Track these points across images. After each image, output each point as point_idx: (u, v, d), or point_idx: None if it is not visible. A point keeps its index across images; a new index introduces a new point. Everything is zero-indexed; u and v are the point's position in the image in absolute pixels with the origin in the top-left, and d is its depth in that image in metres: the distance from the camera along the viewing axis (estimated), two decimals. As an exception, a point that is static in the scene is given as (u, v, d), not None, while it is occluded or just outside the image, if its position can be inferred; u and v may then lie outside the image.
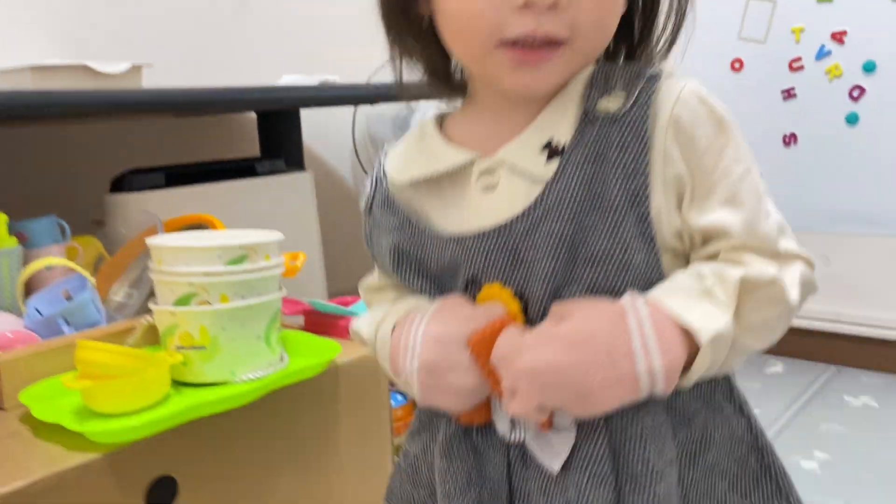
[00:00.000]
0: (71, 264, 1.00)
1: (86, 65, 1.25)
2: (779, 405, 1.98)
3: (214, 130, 1.79)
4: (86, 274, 0.98)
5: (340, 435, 0.97)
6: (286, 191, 1.52)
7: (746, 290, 0.50)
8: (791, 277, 0.52)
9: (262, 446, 0.90)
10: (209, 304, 0.84)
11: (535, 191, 0.53)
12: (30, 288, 1.05)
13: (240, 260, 0.85)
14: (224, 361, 0.85)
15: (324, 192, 1.80)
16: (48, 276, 1.06)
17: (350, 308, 1.07)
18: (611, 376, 0.49)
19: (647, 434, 0.53)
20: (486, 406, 0.57)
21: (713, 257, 0.53)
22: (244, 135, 1.82)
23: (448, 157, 0.58)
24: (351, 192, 2.08)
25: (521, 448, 0.57)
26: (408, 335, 0.56)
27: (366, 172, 2.20)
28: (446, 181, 0.59)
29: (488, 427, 0.58)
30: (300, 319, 1.12)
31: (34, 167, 1.47)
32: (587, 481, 0.53)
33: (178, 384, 0.86)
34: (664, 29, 0.59)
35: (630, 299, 0.51)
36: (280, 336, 0.92)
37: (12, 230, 1.09)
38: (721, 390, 0.59)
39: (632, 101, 0.52)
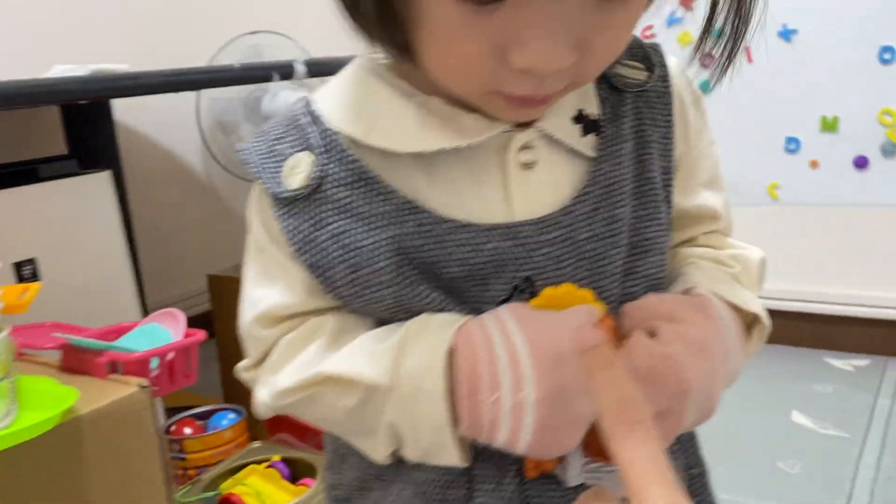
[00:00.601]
0: None
1: None
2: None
3: (9, 128, 1.59)
4: None
5: (92, 497, 0.82)
6: (79, 195, 1.34)
7: (761, 272, 0.52)
8: None
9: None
10: None
11: (579, 169, 0.46)
12: None
13: (-76, 305, 0.69)
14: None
15: (153, 191, 1.64)
16: None
17: (116, 342, 0.92)
18: (725, 379, 0.45)
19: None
20: None
21: (688, 241, 0.53)
22: (47, 132, 1.62)
23: (473, 124, 0.44)
24: (189, 189, 1.92)
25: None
26: (495, 356, 0.40)
27: (218, 162, 2.02)
28: (450, 157, 0.45)
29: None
30: (56, 355, 0.96)
31: None
32: None
33: None
34: None
35: (707, 292, 0.47)
36: (3, 387, 0.76)
37: None
38: None
39: (656, 73, 0.49)
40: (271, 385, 0.48)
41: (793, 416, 1.72)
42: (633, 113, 0.48)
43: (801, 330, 2.10)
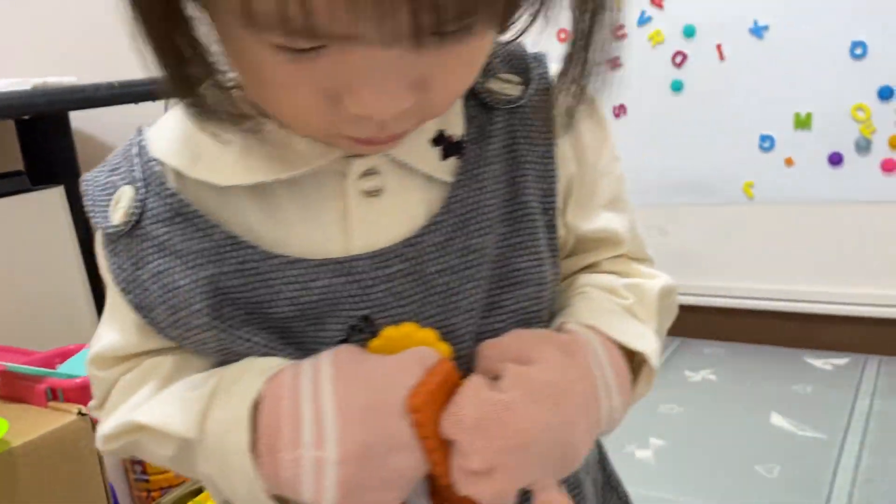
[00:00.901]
0: None
1: None
2: (621, 389, 1.92)
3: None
4: None
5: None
6: (30, 212, 1.31)
7: (661, 302, 0.47)
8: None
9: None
10: None
11: (435, 195, 0.42)
12: None
13: None
14: None
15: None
16: None
17: (60, 367, 0.89)
18: (588, 424, 0.41)
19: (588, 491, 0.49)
20: None
21: (591, 267, 0.49)
22: (2, 146, 1.58)
23: (309, 150, 0.41)
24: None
25: None
26: (298, 407, 0.37)
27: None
28: (283, 187, 0.41)
29: None
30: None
31: None
32: None
33: None
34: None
35: (578, 328, 0.43)
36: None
37: None
38: None
39: (533, 87, 0.44)
40: (99, 429, 0.45)
41: (772, 419, 1.70)
42: (504, 131, 0.44)
43: (779, 329, 2.08)
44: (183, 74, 0.37)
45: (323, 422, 0.37)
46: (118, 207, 0.42)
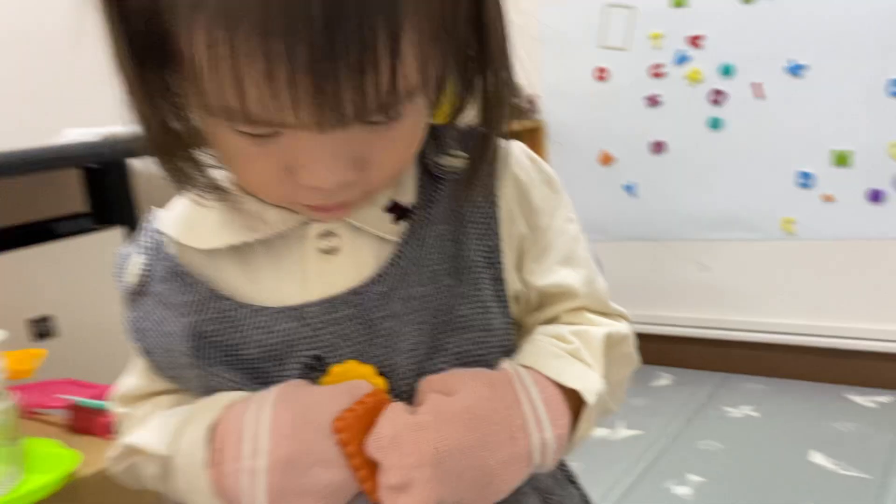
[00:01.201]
0: None
1: None
2: (660, 424, 1.93)
3: (34, 189, 1.64)
4: None
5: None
6: (94, 251, 1.39)
7: (609, 348, 0.50)
8: (631, 334, 0.53)
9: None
10: None
11: (386, 252, 0.48)
12: None
13: (-71, 376, 0.72)
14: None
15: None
16: None
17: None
18: (512, 454, 0.44)
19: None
20: None
21: (551, 320, 0.52)
22: (67, 191, 1.67)
23: (276, 217, 0.48)
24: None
25: None
26: (241, 427, 0.44)
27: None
28: (260, 247, 0.49)
29: None
30: (66, 414, 0.99)
31: None
32: None
33: None
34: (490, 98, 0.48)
35: (511, 366, 0.48)
36: (7, 452, 0.79)
37: None
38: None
39: (476, 160, 0.49)
40: (107, 455, 0.53)
41: (812, 457, 1.69)
42: (450, 197, 0.49)
43: (821, 366, 2.07)
44: (164, 144, 0.44)
45: (258, 438, 0.43)
46: (131, 272, 0.52)
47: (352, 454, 0.43)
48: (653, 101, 2.20)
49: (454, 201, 0.49)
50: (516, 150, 0.52)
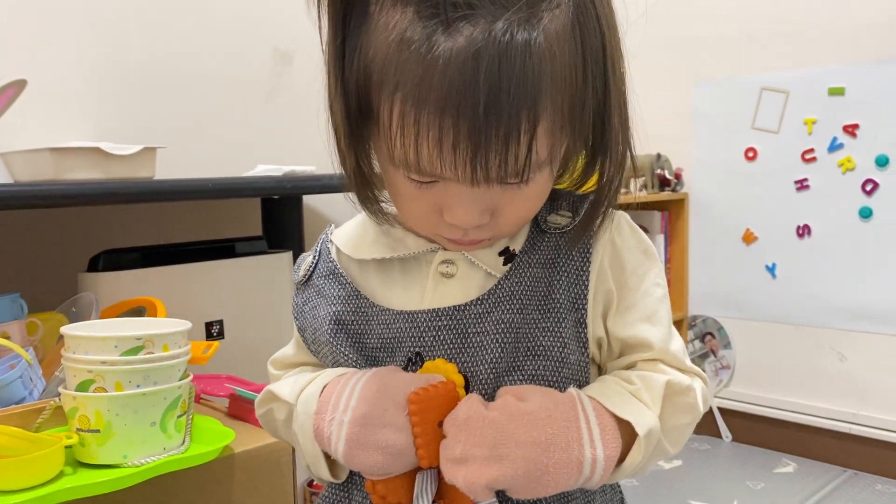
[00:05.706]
0: (6, 342, 1.08)
1: (99, 147, 1.35)
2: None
3: (219, 211, 1.89)
4: (20, 351, 1.06)
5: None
6: (265, 270, 1.59)
7: (668, 394, 0.57)
8: (699, 389, 0.59)
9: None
10: (105, 390, 0.90)
11: (490, 284, 0.59)
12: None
13: (135, 350, 0.90)
14: (116, 445, 0.90)
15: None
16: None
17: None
18: (564, 459, 0.52)
19: None
20: (404, 486, 0.56)
21: (629, 367, 0.60)
22: (247, 216, 1.91)
23: (413, 243, 0.62)
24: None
25: None
26: (342, 388, 0.57)
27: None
28: (398, 264, 0.63)
29: None
30: (225, 402, 1.17)
31: (15, 245, 1.54)
32: None
33: (79, 464, 0.92)
34: (606, 173, 0.58)
35: (576, 392, 0.56)
36: (182, 422, 0.96)
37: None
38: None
39: (578, 220, 0.60)
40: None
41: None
42: (550, 247, 0.60)
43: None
44: (355, 180, 0.58)
45: (350, 398, 0.56)
46: (304, 267, 0.67)
47: (416, 423, 0.53)
48: (802, 185, 2.20)
49: (553, 252, 0.60)
50: (619, 219, 0.62)
